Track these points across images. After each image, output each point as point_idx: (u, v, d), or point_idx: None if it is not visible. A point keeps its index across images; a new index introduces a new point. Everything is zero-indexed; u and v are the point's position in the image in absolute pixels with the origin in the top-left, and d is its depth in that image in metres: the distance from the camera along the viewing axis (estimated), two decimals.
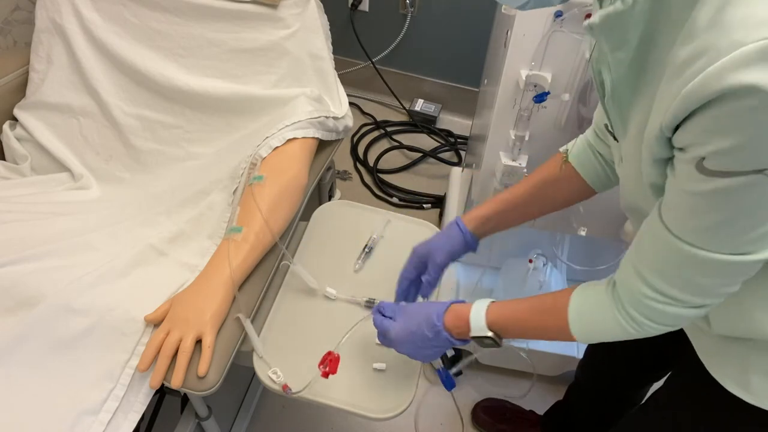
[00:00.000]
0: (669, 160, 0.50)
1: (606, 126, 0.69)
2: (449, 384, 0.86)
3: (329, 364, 0.79)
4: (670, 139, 0.47)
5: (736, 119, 0.40)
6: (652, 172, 0.52)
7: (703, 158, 0.44)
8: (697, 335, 0.69)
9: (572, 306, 0.65)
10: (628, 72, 0.54)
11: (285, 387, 0.82)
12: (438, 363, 0.85)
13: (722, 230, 0.48)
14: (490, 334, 0.71)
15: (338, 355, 0.79)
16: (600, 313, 0.62)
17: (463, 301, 0.76)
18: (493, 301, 0.73)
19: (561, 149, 0.84)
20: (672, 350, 0.82)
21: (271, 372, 0.84)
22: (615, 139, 0.63)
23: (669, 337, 0.77)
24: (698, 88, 0.41)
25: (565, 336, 0.65)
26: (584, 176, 0.81)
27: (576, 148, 0.82)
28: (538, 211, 0.87)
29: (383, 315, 0.81)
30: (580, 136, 0.83)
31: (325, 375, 0.80)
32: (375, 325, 0.81)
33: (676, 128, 0.46)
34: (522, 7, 0.59)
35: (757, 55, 0.37)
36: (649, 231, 0.55)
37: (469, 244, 0.87)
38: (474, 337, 0.73)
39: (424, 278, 0.87)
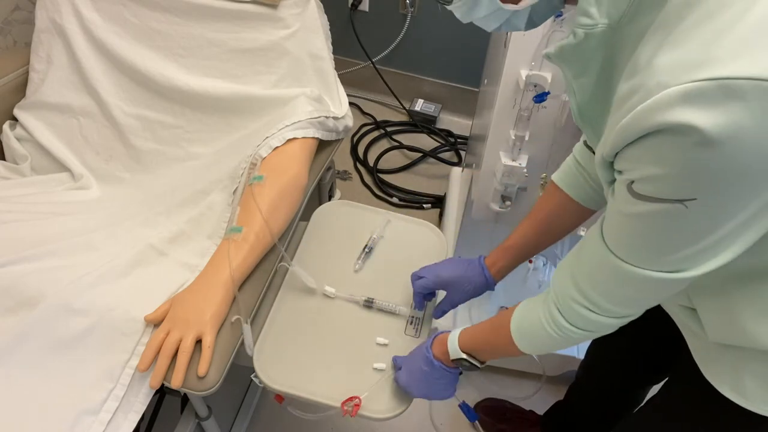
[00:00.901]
0: (612, 183, 0.52)
1: (585, 141, 0.74)
2: (471, 416, 0.93)
3: (354, 408, 0.82)
4: (611, 164, 0.50)
5: (660, 152, 0.42)
6: (605, 189, 0.54)
7: (633, 182, 0.46)
8: (694, 340, 0.70)
9: (513, 317, 0.70)
10: (594, 95, 0.56)
11: (279, 398, 0.86)
12: (457, 399, 0.90)
13: (648, 249, 0.51)
14: (463, 356, 0.77)
15: (361, 402, 0.83)
16: (533, 321, 0.67)
17: (444, 332, 0.82)
18: (465, 328, 0.79)
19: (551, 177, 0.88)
20: (670, 352, 0.82)
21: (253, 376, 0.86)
22: (593, 152, 0.65)
23: (667, 340, 0.78)
24: (630, 124, 0.43)
25: (515, 350, 0.71)
26: (574, 196, 0.83)
27: (561, 170, 0.85)
28: (546, 244, 0.90)
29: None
30: (568, 157, 0.85)
31: (345, 413, 0.83)
32: (397, 381, 0.85)
33: (616, 154, 0.48)
34: (496, 30, 0.61)
35: (679, 97, 0.39)
36: (588, 241, 0.58)
37: (489, 287, 0.91)
38: (455, 361, 0.79)
39: (440, 307, 0.93)
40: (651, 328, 0.88)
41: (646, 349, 0.95)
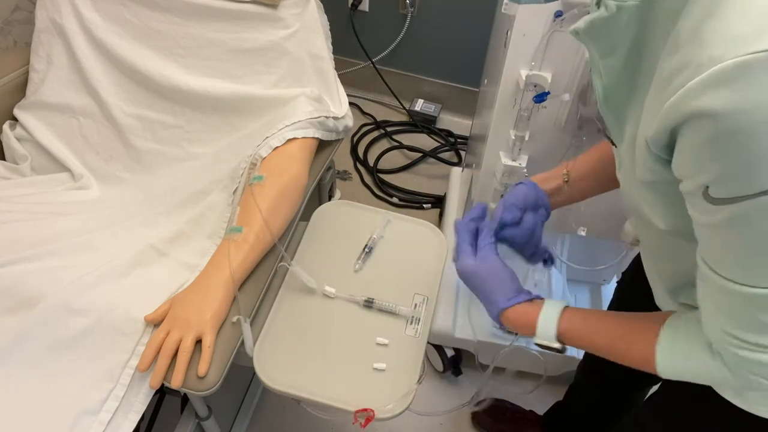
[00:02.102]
0: (665, 170, 0.47)
1: (604, 131, 0.67)
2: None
3: (365, 420, 0.78)
4: (660, 158, 0.46)
5: (720, 142, 0.38)
6: (645, 174, 0.51)
7: (707, 186, 0.41)
8: None
9: (663, 346, 0.58)
10: (621, 78, 0.53)
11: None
12: None
13: (760, 261, 0.44)
14: (558, 345, 0.67)
15: (374, 414, 0.78)
16: (699, 364, 0.56)
17: (532, 297, 0.70)
18: (566, 307, 0.68)
19: None
20: None
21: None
22: (613, 144, 0.63)
23: None
24: (677, 104, 0.40)
25: (646, 367, 0.60)
26: None
27: None
28: (599, 187, 0.81)
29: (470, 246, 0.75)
30: None
31: (355, 421, 0.79)
32: (456, 261, 0.76)
33: (671, 151, 0.44)
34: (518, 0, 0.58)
35: (736, 70, 0.35)
36: (703, 284, 0.51)
37: (539, 192, 0.80)
38: (537, 343, 0.69)
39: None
40: None
41: None
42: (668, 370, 0.59)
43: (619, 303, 1.03)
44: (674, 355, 0.58)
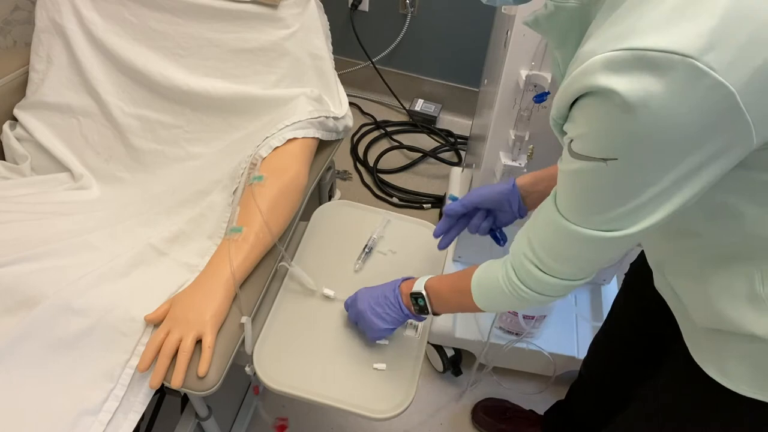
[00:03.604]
0: None
1: None
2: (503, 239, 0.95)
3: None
4: (562, 126, 0.53)
5: (587, 112, 0.47)
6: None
7: (572, 140, 0.51)
8: (685, 324, 0.71)
9: (474, 276, 0.74)
10: None
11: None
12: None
13: (582, 207, 0.55)
14: (423, 292, 0.82)
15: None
16: (491, 280, 0.71)
17: (411, 277, 0.87)
18: (430, 277, 0.83)
19: None
20: (666, 344, 0.83)
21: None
22: None
23: (665, 333, 0.78)
24: (566, 87, 0.48)
25: (472, 305, 0.75)
26: None
27: None
28: None
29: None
30: None
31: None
32: (346, 305, 0.93)
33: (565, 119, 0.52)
34: (490, 3, 0.65)
35: (602, 63, 0.43)
36: (545, 203, 0.61)
37: (509, 195, 0.89)
38: (413, 294, 0.83)
39: (452, 203, 0.93)
40: (650, 323, 0.88)
41: (647, 343, 0.96)
42: (481, 302, 0.74)
43: (626, 293, 1.03)
44: (480, 289, 0.73)
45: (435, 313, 0.84)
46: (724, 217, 0.55)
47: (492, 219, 0.93)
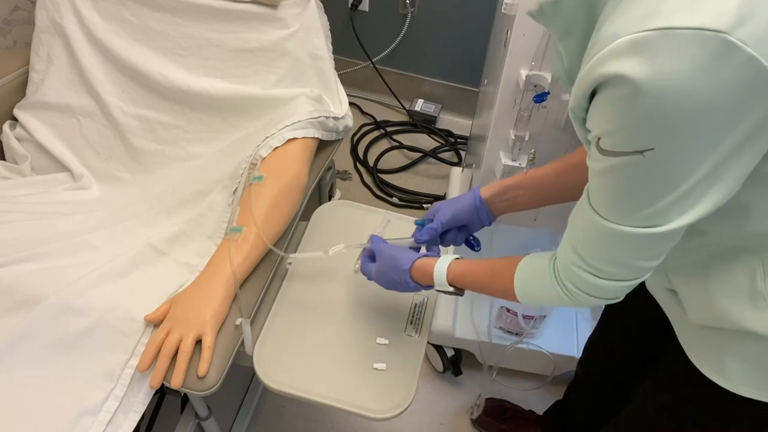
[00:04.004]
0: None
1: None
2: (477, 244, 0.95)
3: None
4: (584, 120, 0.52)
5: (609, 105, 0.45)
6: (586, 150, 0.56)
7: (600, 138, 0.49)
8: (679, 323, 0.71)
9: (519, 270, 0.71)
10: (580, 56, 0.56)
11: None
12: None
13: (623, 205, 0.52)
14: (450, 289, 0.80)
15: None
16: (539, 279, 0.68)
17: (429, 254, 0.84)
18: (456, 258, 0.80)
19: None
20: (662, 343, 0.83)
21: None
22: None
23: (659, 331, 0.78)
24: (585, 75, 0.46)
25: (510, 296, 0.72)
26: None
27: None
28: (558, 195, 0.87)
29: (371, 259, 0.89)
30: None
31: None
32: (362, 271, 0.90)
33: (586, 111, 0.50)
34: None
35: (627, 46, 0.42)
36: (579, 206, 0.60)
37: (478, 210, 0.89)
38: (438, 289, 0.81)
39: (425, 225, 0.92)
40: (645, 320, 0.88)
41: (641, 340, 0.96)
42: (522, 293, 0.71)
43: None
44: (525, 280, 0.70)
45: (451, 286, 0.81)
46: (733, 214, 0.54)
47: (465, 231, 0.93)
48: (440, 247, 0.94)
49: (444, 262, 0.79)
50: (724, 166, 0.46)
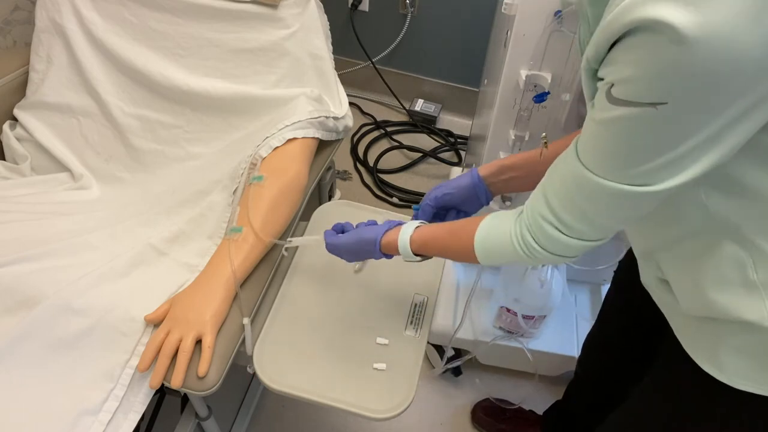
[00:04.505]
0: None
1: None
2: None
3: None
4: (596, 72, 0.50)
5: (638, 50, 0.43)
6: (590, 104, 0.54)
7: (612, 85, 0.46)
8: (674, 316, 0.71)
9: (479, 228, 0.70)
10: None
11: None
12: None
13: (616, 158, 0.51)
14: (416, 259, 0.80)
15: None
16: (500, 236, 0.67)
17: (397, 223, 0.83)
18: (418, 226, 0.80)
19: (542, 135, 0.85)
20: (660, 340, 0.83)
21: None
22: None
23: (657, 328, 0.78)
24: (615, 18, 0.43)
25: (470, 256, 0.71)
26: None
27: None
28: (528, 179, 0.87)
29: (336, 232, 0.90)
30: None
31: None
32: (327, 245, 0.89)
33: (602, 61, 0.48)
34: None
35: None
36: (563, 156, 0.58)
37: (477, 188, 0.88)
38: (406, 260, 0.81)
39: (420, 204, 0.91)
40: (642, 317, 0.88)
41: (639, 338, 0.96)
42: (484, 258, 0.70)
43: (616, 290, 1.03)
44: (485, 246, 0.69)
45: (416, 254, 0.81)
46: (725, 193, 0.54)
47: (463, 215, 0.92)
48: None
49: (406, 234, 0.79)
50: (726, 130, 0.45)
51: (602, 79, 0.49)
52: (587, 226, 0.58)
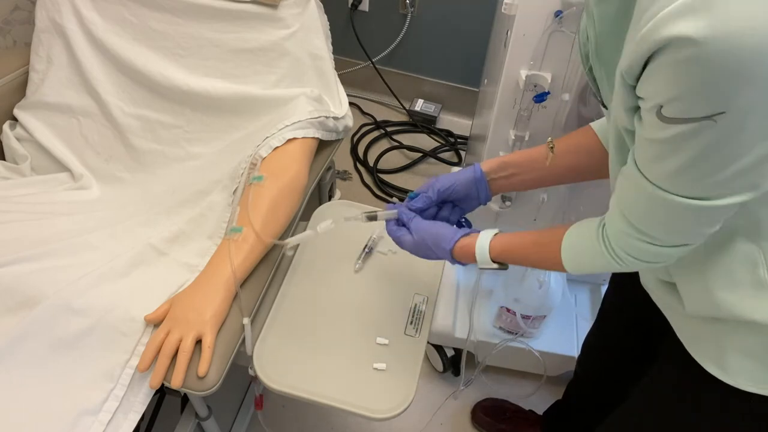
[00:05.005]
0: (636, 110, 0.52)
1: (595, 95, 0.70)
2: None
3: None
4: (633, 88, 0.49)
5: (675, 68, 0.42)
6: (624, 118, 0.54)
7: (661, 106, 0.46)
8: (677, 318, 0.71)
9: (566, 239, 0.69)
10: (613, 26, 0.55)
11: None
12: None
13: (685, 175, 0.49)
14: (495, 266, 0.78)
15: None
16: (588, 249, 0.66)
17: (470, 232, 0.81)
18: (497, 234, 0.78)
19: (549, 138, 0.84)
20: (660, 339, 0.83)
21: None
22: (605, 106, 0.64)
23: (657, 327, 0.78)
24: (647, 35, 0.43)
25: (558, 266, 0.71)
26: (605, 145, 0.79)
27: (600, 121, 0.81)
28: (555, 177, 0.86)
29: (401, 223, 0.86)
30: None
31: None
32: (389, 233, 0.86)
33: (638, 78, 0.47)
34: None
35: (684, 7, 0.39)
36: (626, 175, 0.57)
37: (477, 183, 0.87)
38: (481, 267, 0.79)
39: (420, 194, 0.89)
40: (642, 317, 0.88)
41: (639, 337, 0.96)
42: (570, 262, 0.69)
43: (615, 290, 1.03)
44: (573, 251, 0.69)
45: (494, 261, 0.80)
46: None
47: (459, 210, 0.91)
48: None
49: (485, 239, 0.78)
50: None
51: (641, 98, 0.48)
52: (675, 236, 0.57)
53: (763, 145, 0.45)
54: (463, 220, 0.93)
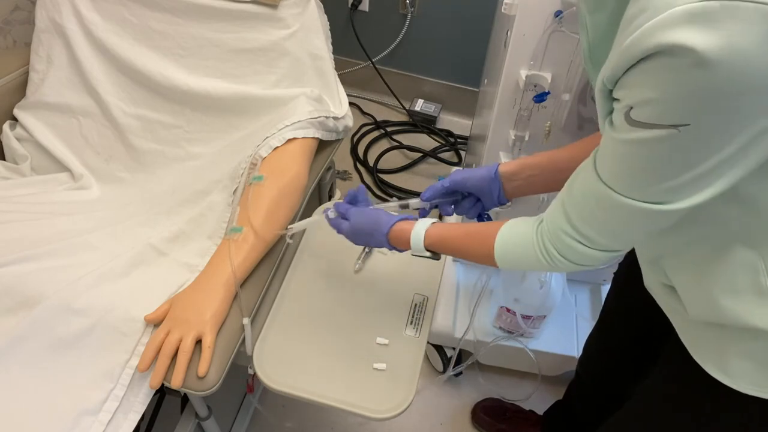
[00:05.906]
0: (610, 113, 0.52)
1: (592, 98, 0.70)
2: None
3: None
4: (611, 92, 0.50)
5: (659, 74, 0.43)
6: (602, 124, 0.54)
7: (631, 108, 0.47)
8: (680, 321, 0.71)
9: (500, 233, 0.70)
10: (605, 35, 0.56)
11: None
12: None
13: (636, 178, 0.51)
14: (427, 254, 0.79)
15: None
16: (521, 243, 0.67)
17: (408, 218, 0.82)
18: (433, 223, 0.79)
19: None
20: (662, 340, 0.83)
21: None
22: None
23: (658, 328, 0.78)
24: (633, 43, 0.43)
25: (489, 260, 0.72)
26: None
27: None
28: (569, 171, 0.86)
29: (341, 215, 0.88)
30: None
31: None
32: (329, 221, 0.89)
33: (617, 82, 0.48)
34: None
35: (684, 15, 0.40)
36: (581, 172, 0.59)
37: (492, 182, 0.87)
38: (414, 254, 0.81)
39: (439, 183, 0.90)
40: (644, 318, 0.88)
41: (640, 338, 0.96)
42: (504, 262, 0.70)
43: (617, 291, 1.03)
44: (506, 246, 0.70)
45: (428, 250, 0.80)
46: (737, 200, 0.54)
47: (481, 205, 0.91)
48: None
49: (421, 227, 0.79)
50: (749, 146, 0.45)
51: (617, 99, 0.49)
52: (609, 239, 0.59)
53: (716, 158, 0.46)
54: (486, 215, 0.93)
